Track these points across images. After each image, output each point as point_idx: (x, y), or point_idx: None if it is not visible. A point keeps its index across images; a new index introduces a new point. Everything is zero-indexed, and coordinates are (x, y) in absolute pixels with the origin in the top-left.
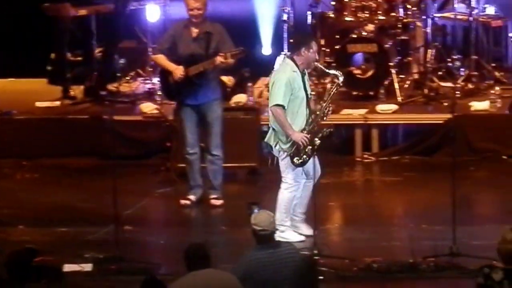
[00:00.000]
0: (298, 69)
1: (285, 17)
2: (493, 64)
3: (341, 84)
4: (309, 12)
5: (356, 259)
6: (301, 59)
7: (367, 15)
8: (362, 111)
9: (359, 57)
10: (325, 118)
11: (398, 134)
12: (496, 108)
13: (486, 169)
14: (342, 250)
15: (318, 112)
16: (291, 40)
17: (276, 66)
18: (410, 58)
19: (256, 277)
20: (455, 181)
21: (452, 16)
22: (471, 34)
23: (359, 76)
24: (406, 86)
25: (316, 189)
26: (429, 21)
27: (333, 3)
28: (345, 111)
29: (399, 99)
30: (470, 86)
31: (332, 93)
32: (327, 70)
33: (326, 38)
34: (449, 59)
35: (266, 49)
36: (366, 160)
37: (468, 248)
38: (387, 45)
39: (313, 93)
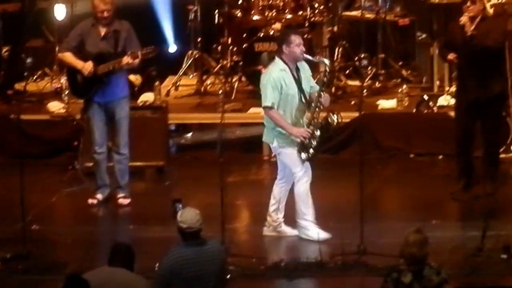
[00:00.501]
0: (288, 66)
1: (191, 16)
2: (400, 63)
3: (328, 71)
4: (216, 11)
5: (263, 258)
6: (286, 56)
7: (275, 14)
8: None
9: (266, 55)
10: (321, 108)
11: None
12: (403, 106)
13: (394, 167)
14: (249, 249)
15: (313, 104)
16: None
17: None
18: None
19: (182, 273)
20: (362, 179)
21: (359, 15)
22: (378, 33)
23: None
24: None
25: (225, 188)
26: (336, 20)
27: (240, 2)
28: (253, 110)
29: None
30: (377, 84)
31: (324, 81)
32: (312, 59)
33: (234, 37)
34: (356, 58)
35: (172, 48)
36: (273, 159)
37: (376, 246)
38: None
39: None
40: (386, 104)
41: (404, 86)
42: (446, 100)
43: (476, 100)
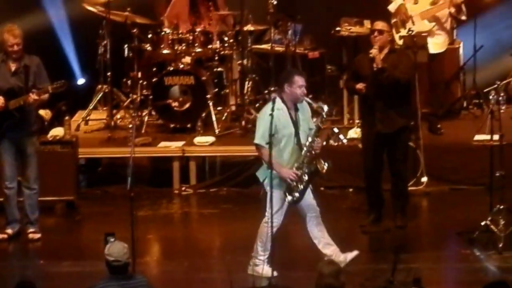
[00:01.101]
0: (286, 106)
1: (101, 50)
2: (310, 96)
3: (325, 116)
4: (125, 45)
5: None
6: (286, 96)
7: (184, 48)
8: (180, 143)
9: (176, 89)
10: (313, 153)
11: (216, 166)
12: None
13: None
14: (160, 283)
15: (305, 148)
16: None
17: None
18: (227, 90)
19: None
20: (272, 212)
21: (269, 48)
22: (287, 66)
23: (176, 108)
24: (223, 118)
25: (135, 222)
26: (246, 53)
27: (150, 36)
28: (163, 144)
29: (217, 131)
30: None
31: (319, 126)
32: (312, 103)
33: (143, 71)
34: (266, 91)
35: (80, 80)
36: (184, 193)
37: (287, 279)
38: (204, 77)
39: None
40: None
41: (314, 119)
42: (356, 132)
43: (383, 133)
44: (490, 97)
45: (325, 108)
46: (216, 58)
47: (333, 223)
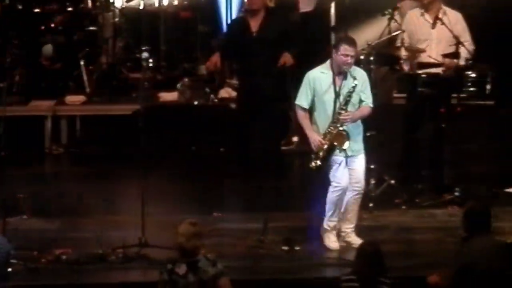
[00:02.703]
0: (333, 71)
1: None
2: (182, 55)
3: (353, 90)
4: None
5: (45, 251)
6: (334, 61)
7: (56, 7)
8: (51, 102)
9: (47, 48)
10: (339, 124)
11: (88, 125)
12: (185, 98)
13: (176, 160)
14: (31, 242)
15: (335, 120)
16: None
17: None
18: (99, 50)
19: None
20: (146, 172)
21: (141, 7)
22: (159, 25)
23: (47, 67)
24: (95, 77)
25: (5, 181)
26: (117, 12)
27: None
28: (34, 103)
29: (88, 90)
30: (159, 77)
31: (347, 100)
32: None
33: (16, 30)
34: (138, 50)
35: None
36: (55, 152)
37: (157, 238)
38: (75, 36)
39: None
40: (167, 96)
41: (186, 79)
42: (227, 92)
43: (259, 94)
44: (361, 57)
45: (356, 82)
46: (89, 17)
47: (205, 183)
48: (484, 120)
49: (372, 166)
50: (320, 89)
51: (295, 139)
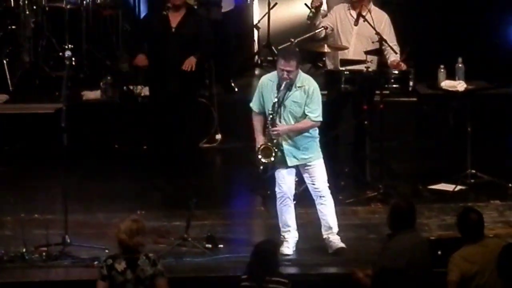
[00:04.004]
0: (279, 80)
1: None
2: (105, 53)
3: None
4: None
5: None
6: None
7: None
8: None
9: None
10: (268, 134)
11: (10, 124)
12: (107, 96)
13: (98, 158)
14: None
15: (266, 133)
16: None
17: None
18: (21, 48)
19: None
20: (67, 170)
21: (63, 5)
22: (82, 23)
23: None
24: (17, 76)
25: None
26: (40, 11)
27: None
28: None
29: (11, 88)
30: (81, 75)
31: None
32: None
33: None
34: (60, 49)
35: None
36: None
37: (80, 237)
38: None
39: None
40: (90, 94)
41: (108, 77)
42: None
43: (172, 90)
44: None
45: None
46: (10, 15)
47: (128, 181)
48: (407, 116)
49: None
50: (266, 96)
51: (218, 136)
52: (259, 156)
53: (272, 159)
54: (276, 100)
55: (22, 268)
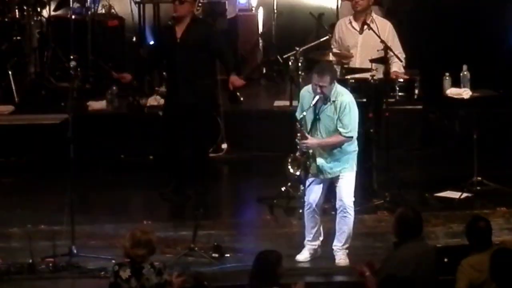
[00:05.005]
0: (314, 92)
1: None
2: (110, 64)
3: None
4: None
5: None
6: None
7: None
8: None
9: None
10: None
11: (17, 135)
12: (113, 107)
13: (106, 168)
14: None
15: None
16: None
17: None
18: (27, 59)
19: None
20: (71, 181)
21: (68, 16)
22: (87, 34)
23: None
24: (23, 87)
25: None
26: (45, 21)
27: None
28: None
29: (16, 100)
30: (87, 86)
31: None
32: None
33: None
34: (65, 59)
35: None
36: None
37: (86, 248)
38: (3, 46)
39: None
40: (96, 105)
41: (114, 88)
42: (155, 100)
43: (185, 101)
44: (290, 63)
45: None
46: (16, 26)
47: (134, 191)
48: (413, 124)
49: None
50: (305, 106)
51: (224, 146)
52: (289, 167)
53: (298, 172)
54: (305, 114)
55: (29, 279)
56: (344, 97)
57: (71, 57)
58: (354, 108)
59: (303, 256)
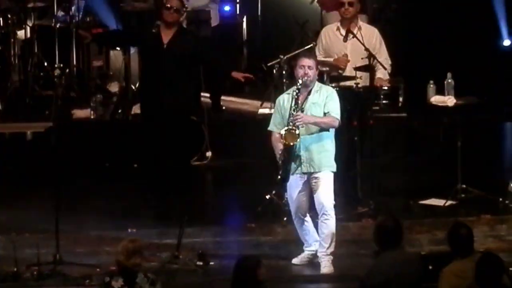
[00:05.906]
0: (297, 87)
1: None
2: (94, 72)
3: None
4: None
5: None
6: (295, 79)
7: None
8: None
9: None
10: (293, 127)
11: (1, 144)
12: (97, 115)
13: (91, 177)
14: None
15: (289, 122)
16: None
17: None
18: (11, 67)
19: None
20: (58, 189)
21: (52, 24)
22: (72, 42)
23: None
24: (7, 95)
25: None
26: (28, 29)
27: None
28: None
29: (0, 107)
30: (72, 94)
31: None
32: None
33: None
34: (50, 67)
35: None
36: None
37: (71, 255)
38: None
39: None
40: (80, 113)
41: (98, 96)
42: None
43: (165, 102)
44: (274, 71)
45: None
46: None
47: (118, 199)
48: (397, 132)
49: None
50: (285, 109)
51: (208, 154)
52: (285, 142)
53: (298, 140)
54: (296, 105)
55: (14, 287)
56: (327, 87)
57: (55, 65)
58: (337, 97)
59: (298, 259)
